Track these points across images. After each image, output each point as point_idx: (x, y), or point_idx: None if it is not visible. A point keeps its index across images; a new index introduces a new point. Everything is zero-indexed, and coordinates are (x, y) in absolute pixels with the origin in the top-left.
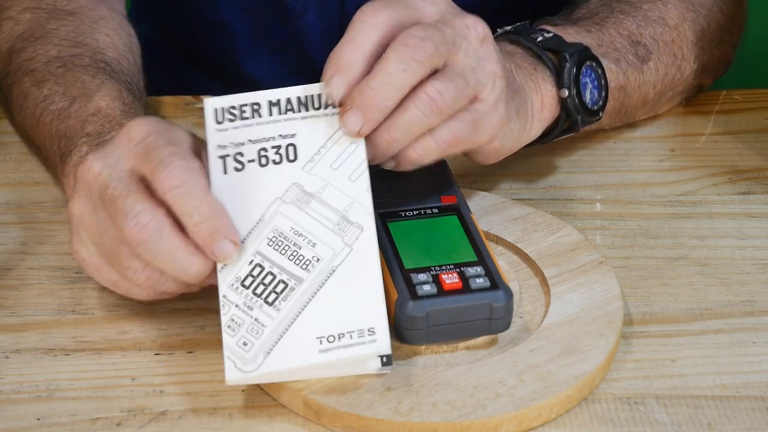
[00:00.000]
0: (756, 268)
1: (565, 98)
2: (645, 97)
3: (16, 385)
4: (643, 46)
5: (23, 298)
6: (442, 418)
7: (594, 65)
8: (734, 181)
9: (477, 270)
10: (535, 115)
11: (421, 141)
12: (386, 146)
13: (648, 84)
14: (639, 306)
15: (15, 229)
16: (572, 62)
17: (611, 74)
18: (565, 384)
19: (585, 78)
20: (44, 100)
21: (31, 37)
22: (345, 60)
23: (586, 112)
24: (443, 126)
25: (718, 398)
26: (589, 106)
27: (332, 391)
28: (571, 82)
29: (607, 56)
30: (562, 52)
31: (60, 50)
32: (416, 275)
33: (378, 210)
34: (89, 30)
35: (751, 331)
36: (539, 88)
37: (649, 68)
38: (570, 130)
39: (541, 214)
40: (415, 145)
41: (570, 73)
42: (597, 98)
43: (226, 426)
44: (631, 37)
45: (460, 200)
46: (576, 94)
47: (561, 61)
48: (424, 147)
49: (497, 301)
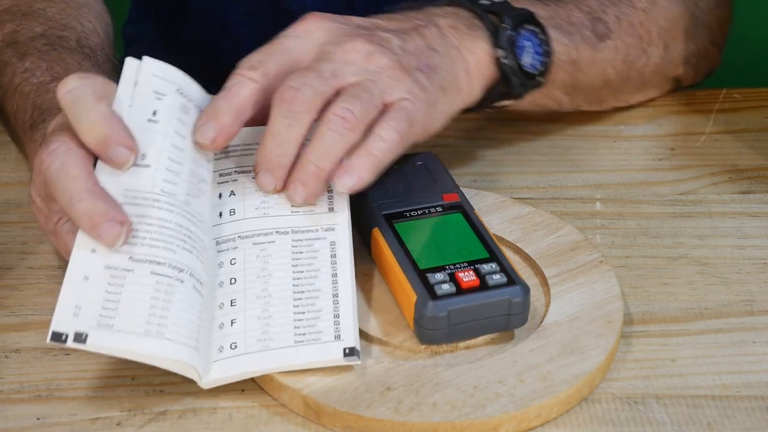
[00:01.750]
0: (756, 268)
1: (499, 58)
2: (605, 76)
3: (16, 385)
4: (603, 24)
5: (23, 298)
6: (442, 418)
7: (536, 31)
8: (734, 181)
9: (492, 266)
10: (471, 74)
11: (356, 155)
12: (317, 177)
13: (606, 62)
14: (639, 306)
15: (15, 229)
16: (509, 24)
17: (561, 47)
18: (565, 384)
19: (524, 41)
20: (25, 72)
21: (17, 12)
22: (215, 110)
23: (524, 75)
24: (375, 136)
25: (718, 398)
26: (527, 70)
27: (332, 391)
28: (507, 43)
29: (560, 29)
30: (502, 14)
31: (45, 29)
32: (432, 275)
33: (382, 211)
34: (75, 14)
35: (751, 331)
36: (475, 47)
37: (606, 46)
38: (510, 93)
39: (541, 214)
40: (353, 161)
41: (506, 34)
42: (538, 63)
43: (226, 426)
44: (592, 14)
45: (462, 197)
46: (512, 56)
47: (500, 23)
48: (360, 162)
49: (516, 296)
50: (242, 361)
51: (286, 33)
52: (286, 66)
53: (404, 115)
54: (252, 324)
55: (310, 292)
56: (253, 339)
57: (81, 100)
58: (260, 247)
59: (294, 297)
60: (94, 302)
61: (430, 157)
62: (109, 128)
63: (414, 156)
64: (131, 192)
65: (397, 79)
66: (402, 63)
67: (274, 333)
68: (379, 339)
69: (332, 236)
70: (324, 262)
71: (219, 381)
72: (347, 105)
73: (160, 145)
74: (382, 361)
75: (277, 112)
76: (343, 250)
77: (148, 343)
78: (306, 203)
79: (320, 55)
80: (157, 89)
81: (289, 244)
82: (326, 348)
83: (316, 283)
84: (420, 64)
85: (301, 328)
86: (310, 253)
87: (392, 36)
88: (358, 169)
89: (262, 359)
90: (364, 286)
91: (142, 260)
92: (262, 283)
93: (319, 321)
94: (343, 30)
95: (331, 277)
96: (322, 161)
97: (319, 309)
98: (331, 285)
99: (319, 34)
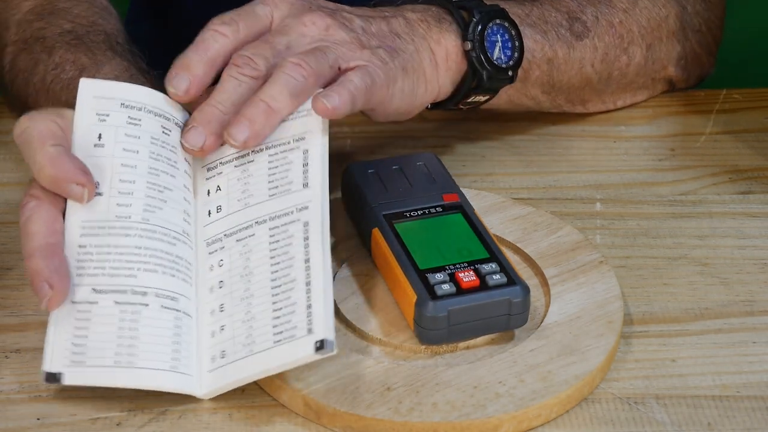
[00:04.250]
0: (756, 268)
1: (468, 51)
2: (584, 76)
3: (16, 385)
4: (581, 23)
5: (23, 298)
6: (442, 418)
7: (506, 25)
8: (734, 181)
9: (492, 266)
10: (439, 65)
11: (331, 87)
12: (266, 114)
13: (584, 61)
14: (639, 306)
15: (15, 229)
16: (479, 18)
17: (536, 44)
18: (565, 384)
19: (494, 36)
20: (55, 68)
21: (42, 11)
22: (188, 61)
23: (493, 69)
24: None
25: (718, 398)
26: (496, 63)
27: (332, 391)
28: (475, 36)
29: (534, 26)
30: (473, 9)
31: (74, 26)
32: (432, 275)
33: (382, 212)
34: (100, 13)
35: (751, 331)
36: (443, 39)
37: (584, 45)
38: (481, 87)
39: (541, 214)
40: (329, 89)
41: (475, 28)
42: (508, 58)
43: (226, 426)
44: (569, 14)
45: (462, 198)
46: (480, 49)
47: (470, 17)
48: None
49: (516, 296)
50: (231, 369)
51: (254, 1)
52: (254, 30)
53: (365, 72)
54: (238, 329)
55: (286, 284)
56: (239, 345)
57: (28, 142)
58: (242, 243)
59: (272, 293)
60: (64, 339)
61: (430, 157)
62: (55, 169)
63: (414, 156)
64: (88, 223)
65: (354, 51)
66: (361, 40)
67: (256, 335)
68: (379, 339)
69: (305, 216)
70: (297, 248)
71: (216, 391)
72: (301, 57)
73: (109, 169)
74: (382, 361)
75: (227, 74)
76: (316, 232)
77: (119, 374)
78: (246, 144)
79: (279, 27)
80: (100, 110)
81: (266, 234)
82: (299, 344)
83: (291, 273)
84: (381, 43)
85: (279, 326)
86: (285, 240)
87: (355, 17)
88: (338, 93)
89: (247, 365)
90: (364, 286)
91: (104, 291)
92: (244, 282)
93: (294, 315)
94: (305, 5)
95: (304, 263)
96: (272, 100)
97: (294, 302)
98: (304, 272)
99: (284, 6)
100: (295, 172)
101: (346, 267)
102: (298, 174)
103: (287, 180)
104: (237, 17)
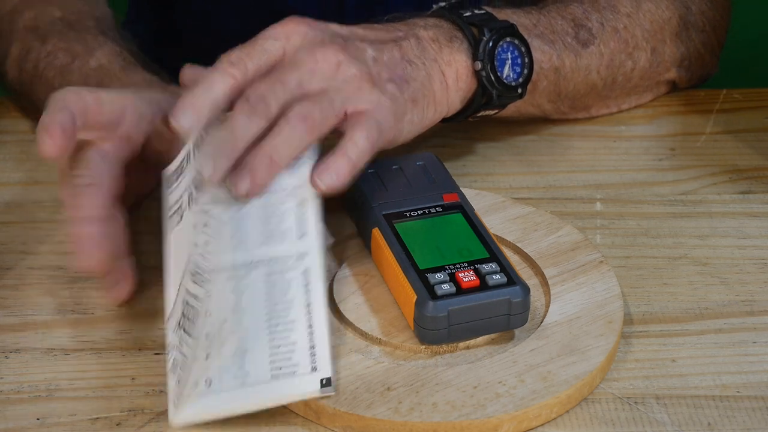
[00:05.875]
0: (756, 268)
1: (478, 71)
2: (589, 82)
3: (16, 385)
4: (586, 30)
5: (23, 297)
6: (442, 418)
7: (516, 42)
8: (734, 181)
9: (492, 266)
10: (449, 86)
11: (334, 157)
12: (267, 168)
13: (590, 68)
14: (639, 306)
15: (15, 229)
16: (489, 36)
17: (544, 55)
18: (565, 384)
19: (505, 53)
20: (47, 56)
21: (34, 1)
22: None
23: (503, 87)
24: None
25: (718, 398)
26: (507, 82)
27: None
28: (486, 55)
29: (542, 37)
30: (483, 27)
31: (63, 14)
32: (432, 275)
33: (382, 212)
34: (89, 1)
35: (751, 331)
36: (453, 60)
37: (590, 52)
38: (489, 105)
39: (541, 214)
40: (331, 162)
41: (486, 46)
42: (518, 75)
43: (226, 426)
44: (575, 21)
45: (462, 198)
46: (491, 68)
47: (480, 35)
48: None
49: (516, 296)
50: (217, 398)
51: (265, 34)
52: (263, 67)
53: (372, 123)
54: (227, 361)
55: (285, 324)
56: (228, 375)
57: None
58: (233, 282)
59: (269, 330)
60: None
61: (430, 157)
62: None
63: (414, 156)
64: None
65: (363, 90)
66: (371, 74)
67: (250, 368)
68: (379, 339)
69: (304, 264)
70: (298, 292)
71: (196, 418)
72: (307, 108)
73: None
74: (382, 361)
75: (238, 110)
76: (316, 278)
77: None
78: (248, 195)
79: (291, 60)
80: None
81: (261, 277)
82: (304, 381)
83: (290, 315)
84: (392, 75)
85: (277, 362)
86: (283, 284)
87: (367, 46)
88: (337, 169)
89: (238, 396)
90: (364, 286)
91: None
92: (236, 316)
93: (295, 354)
94: (317, 37)
95: (306, 307)
96: (275, 153)
97: (294, 341)
98: (306, 315)
99: (295, 38)
100: (291, 221)
101: (346, 267)
102: (294, 223)
103: (282, 228)
104: (246, 57)
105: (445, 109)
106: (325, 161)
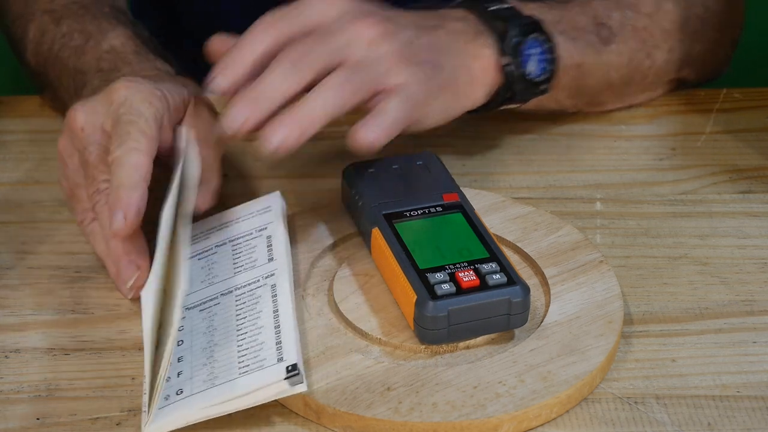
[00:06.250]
0: (756, 268)
1: (504, 66)
2: (608, 80)
3: (16, 385)
4: (607, 28)
5: (23, 297)
6: (442, 418)
7: (542, 39)
8: (735, 180)
9: (492, 266)
10: (475, 79)
11: (370, 117)
12: (301, 124)
13: (610, 66)
14: (639, 306)
15: (15, 229)
16: (516, 32)
17: (566, 51)
18: (565, 384)
19: (530, 50)
20: (63, 37)
21: None
22: (233, 61)
23: (527, 83)
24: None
25: (718, 398)
26: (531, 78)
27: (332, 391)
28: (512, 50)
29: (565, 34)
30: (510, 22)
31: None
32: (432, 275)
33: (382, 211)
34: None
35: (751, 331)
36: (480, 54)
37: (611, 50)
38: (513, 99)
39: (541, 214)
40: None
41: (512, 42)
42: (542, 72)
43: (226, 426)
44: (596, 19)
45: (462, 197)
46: (516, 64)
47: (506, 30)
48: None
49: (516, 296)
50: (188, 402)
51: (304, 1)
52: (300, 32)
53: (404, 96)
54: (198, 370)
55: (253, 330)
56: (199, 381)
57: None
58: (206, 312)
59: (238, 340)
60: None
61: (430, 157)
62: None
63: (414, 156)
64: None
65: (399, 66)
66: (406, 53)
67: (219, 372)
68: (379, 339)
69: (272, 281)
70: (266, 304)
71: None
72: (348, 74)
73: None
74: (382, 361)
75: (277, 63)
76: (284, 292)
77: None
78: (278, 149)
79: (334, 27)
80: None
81: (232, 300)
82: (270, 371)
83: (259, 322)
84: (425, 59)
85: (245, 362)
86: (252, 300)
87: (408, 27)
88: (375, 128)
89: (208, 396)
90: (364, 286)
91: None
92: (207, 337)
93: (262, 352)
94: (363, 8)
95: (273, 313)
96: (314, 111)
97: (261, 342)
98: (273, 320)
99: (342, 4)
100: (260, 252)
101: (346, 267)
102: (263, 253)
103: (252, 258)
104: (287, 16)
105: (469, 103)
106: (363, 121)
